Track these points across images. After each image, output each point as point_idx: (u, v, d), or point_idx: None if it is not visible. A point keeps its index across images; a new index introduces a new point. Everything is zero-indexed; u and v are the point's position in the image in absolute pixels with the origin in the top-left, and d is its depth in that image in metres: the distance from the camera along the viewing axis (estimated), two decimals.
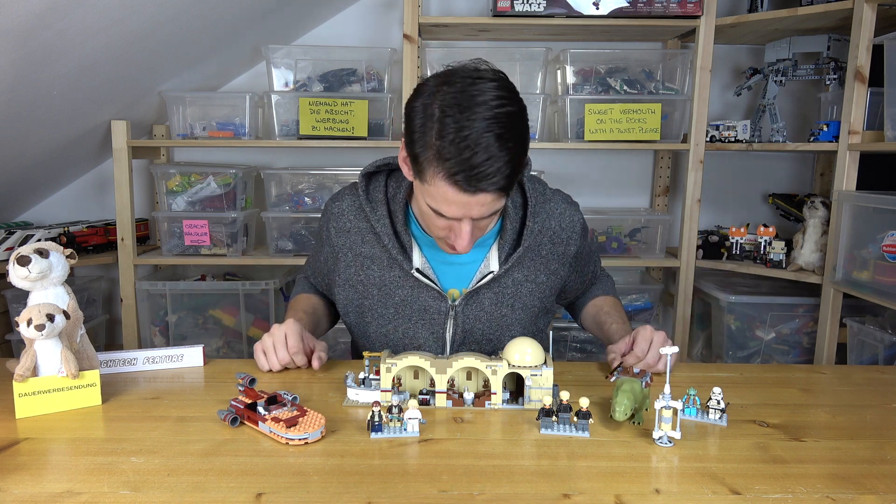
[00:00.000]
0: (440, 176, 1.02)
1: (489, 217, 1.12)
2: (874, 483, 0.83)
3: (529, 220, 1.25)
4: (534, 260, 1.30)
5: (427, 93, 1.04)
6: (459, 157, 0.99)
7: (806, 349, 2.32)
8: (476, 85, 1.01)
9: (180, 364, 1.26)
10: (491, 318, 1.28)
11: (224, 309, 2.42)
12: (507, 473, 0.85)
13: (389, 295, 1.28)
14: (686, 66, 2.32)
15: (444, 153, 1.00)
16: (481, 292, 1.27)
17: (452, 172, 1.00)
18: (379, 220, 1.24)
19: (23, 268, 1.01)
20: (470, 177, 1.00)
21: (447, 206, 1.06)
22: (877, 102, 2.01)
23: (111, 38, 1.80)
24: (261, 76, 2.55)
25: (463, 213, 1.07)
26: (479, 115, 0.99)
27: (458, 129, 0.99)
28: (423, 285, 1.26)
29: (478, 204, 1.05)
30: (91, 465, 0.86)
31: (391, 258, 1.26)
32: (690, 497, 0.80)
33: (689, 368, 1.34)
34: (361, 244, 1.29)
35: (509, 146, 1.00)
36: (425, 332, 1.28)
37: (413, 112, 1.06)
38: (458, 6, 2.55)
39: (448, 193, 1.03)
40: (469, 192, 1.02)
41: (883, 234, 1.87)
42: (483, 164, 0.99)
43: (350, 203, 1.31)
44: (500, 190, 1.04)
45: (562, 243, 1.33)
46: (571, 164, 2.68)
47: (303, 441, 0.92)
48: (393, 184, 1.28)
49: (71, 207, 2.64)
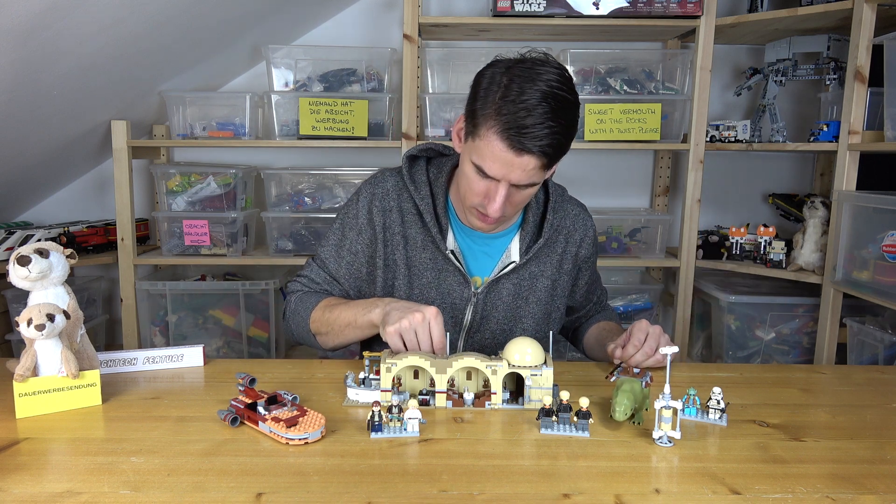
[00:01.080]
0: (494, 130, 1.12)
1: (523, 191, 1.20)
2: (874, 483, 0.83)
3: (550, 214, 1.34)
4: (550, 256, 1.38)
5: (499, 66, 1.16)
6: (515, 115, 1.10)
7: (806, 349, 2.32)
8: (543, 66, 1.14)
9: (180, 364, 1.27)
10: (507, 308, 1.35)
11: (224, 309, 2.42)
12: (507, 473, 0.85)
13: (417, 276, 1.33)
14: (686, 66, 2.32)
15: (503, 110, 1.11)
16: (501, 282, 1.34)
17: (507, 127, 1.10)
18: (423, 199, 1.31)
19: (23, 268, 1.01)
20: (520, 134, 1.10)
21: (492, 163, 1.14)
22: (877, 102, 2.01)
23: (111, 38, 1.80)
24: (261, 76, 2.55)
25: (504, 173, 1.15)
26: (539, 88, 1.10)
27: (519, 93, 1.10)
28: (451, 270, 1.32)
29: (520, 167, 1.13)
30: (91, 465, 0.86)
31: (426, 238, 1.32)
32: (690, 497, 0.80)
33: (689, 368, 1.35)
34: (400, 224, 1.34)
35: (559, 121, 1.11)
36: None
37: (482, 77, 1.17)
38: (458, 6, 2.55)
39: (496, 149, 1.12)
40: (515, 150, 1.11)
41: (883, 234, 1.87)
42: (533, 126, 1.10)
43: (394, 184, 1.37)
44: (542, 156, 1.12)
45: (575, 244, 1.41)
46: (571, 164, 2.67)
47: (303, 441, 0.92)
48: (434, 169, 1.37)
49: (71, 207, 2.64)
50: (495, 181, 1.17)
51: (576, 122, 1.17)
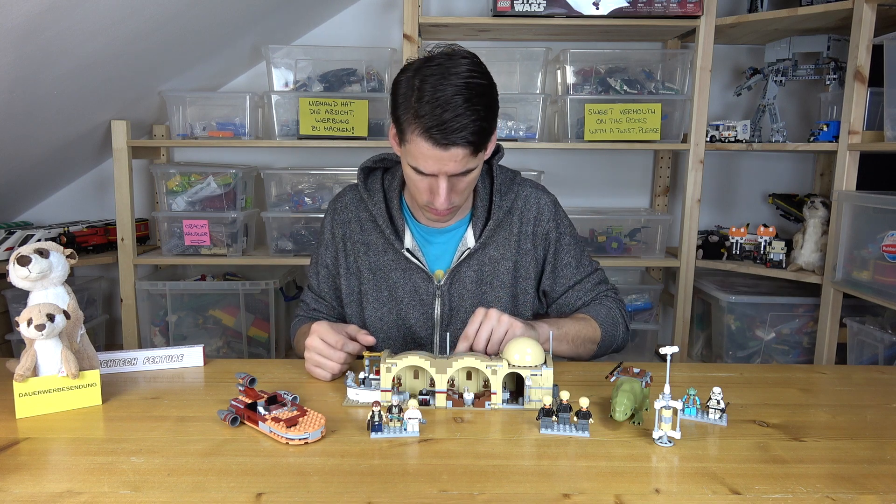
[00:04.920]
0: (417, 133, 1.17)
1: (464, 178, 1.24)
2: (874, 483, 0.83)
3: (496, 196, 1.38)
4: (507, 239, 1.40)
5: (410, 70, 1.21)
6: (433, 113, 1.14)
7: (806, 349, 2.32)
8: (452, 60, 1.18)
9: (180, 364, 1.27)
10: (474, 296, 1.39)
11: (224, 309, 2.42)
12: (507, 473, 0.85)
13: (383, 278, 1.40)
14: (686, 66, 2.32)
15: (421, 111, 1.15)
16: (463, 271, 1.38)
17: (427, 127, 1.15)
18: (375, 205, 1.38)
19: (23, 268, 1.01)
20: (442, 131, 1.14)
21: (424, 162, 1.20)
22: (877, 102, 2.01)
23: (111, 38, 1.80)
24: (261, 76, 2.55)
25: (438, 168, 1.20)
26: (452, 83, 1.15)
27: (433, 91, 1.15)
28: (413, 268, 1.38)
29: (451, 159, 1.18)
30: (91, 465, 0.86)
31: (385, 241, 1.39)
32: (690, 497, 0.80)
33: (689, 368, 1.35)
34: (360, 232, 1.42)
35: (476, 108, 1.16)
36: (416, 313, 1.39)
37: (398, 85, 1.22)
38: (458, 6, 2.55)
39: (424, 148, 1.17)
40: (442, 146, 1.16)
41: (883, 234, 1.87)
42: (452, 120, 1.14)
43: (351, 197, 1.46)
44: (468, 145, 1.17)
45: (530, 223, 1.41)
46: (571, 164, 2.68)
47: (303, 441, 0.92)
48: (388, 177, 1.43)
49: (71, 207, 2.64)
50: (434, 177, 1.22)
51: (494, 104, 1.22)
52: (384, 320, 1.40)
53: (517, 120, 2.31)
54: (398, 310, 1.39)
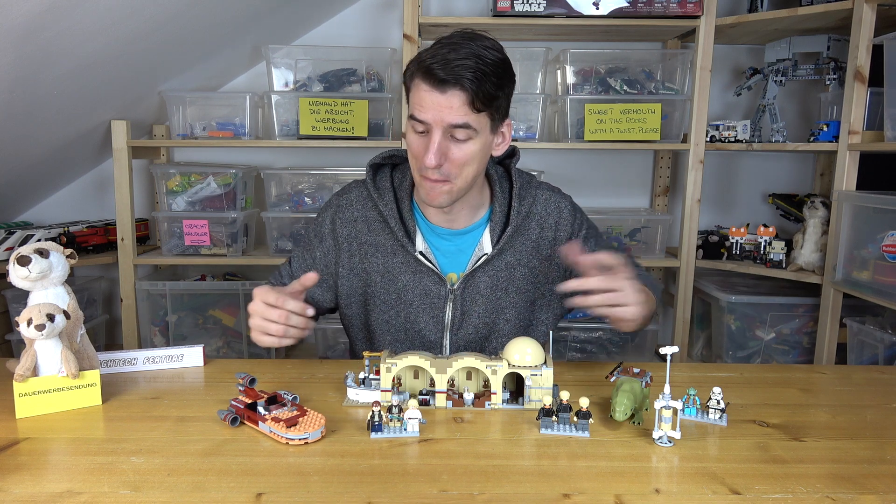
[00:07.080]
0: (419, 75, 1.15)
1: (461, 145, 1.17)
2: (874, 483, 0.83)
3: (515, 201, 1.33)
4: (525, 244, 1.36)
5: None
6: (438, 52, 1.13)
7: (806, 349, 2.32)
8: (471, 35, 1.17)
9: (180, 364, 1.27)
10: (487, 301, 1.34)
11: (224, 309, 2.42)
12: (507, 473, 0.85)
13: (392, 281, 1.34)
14: (686, 66, 2.32)
15: (426, 54, 1.14)
16: (477, 276, 1.33)
17: (429, 64, 1.12)
18: (386, 206, 1.32)
19: (23, 268, 1.01)
20: (443, 67, 1.11)
21: (421, 108, 1.15)
22: (877, 102, 2.01)
23: (111, 38, 1.80)
24: (261, 76, 2.55)
25: (434, 116, 1.14)
26: (465, 46, 1.13)
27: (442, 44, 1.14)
28: (424, 270, 1.32)
29: (447, 106, 1.13)
30: (91, 465, 0.86)
31: (395, 243, 1.33)
32: (690, 497, 0.80)
33: (689, 368, 1.35)
34: (367, 232, 1.36)
35: (487, 62, 1.13)
36: (426, 317, 1.34)
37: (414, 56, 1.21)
38: (458, 6, 2.55)
39: (422, 91, 1.14)
40: (439, 86, 1.12)
41: (883, 234, 1.87)
42: (457, 60, 1.11)
43: (358, 194, 1.39)
44: (467, 91, 1.12)
45: (550, 228, 1.37)
46: (571, 164, 2.68)
47: (303, 441, 0.92)
48: (398, 175, 1.38)
49: (71, 207, 2.64)
50: (429, 132, 1.16)
51: (507, 76, 1.19)
52: (391, 323, 1.35)
53: (517, 120, 2.31)
54: (406, 313, 1.34)
